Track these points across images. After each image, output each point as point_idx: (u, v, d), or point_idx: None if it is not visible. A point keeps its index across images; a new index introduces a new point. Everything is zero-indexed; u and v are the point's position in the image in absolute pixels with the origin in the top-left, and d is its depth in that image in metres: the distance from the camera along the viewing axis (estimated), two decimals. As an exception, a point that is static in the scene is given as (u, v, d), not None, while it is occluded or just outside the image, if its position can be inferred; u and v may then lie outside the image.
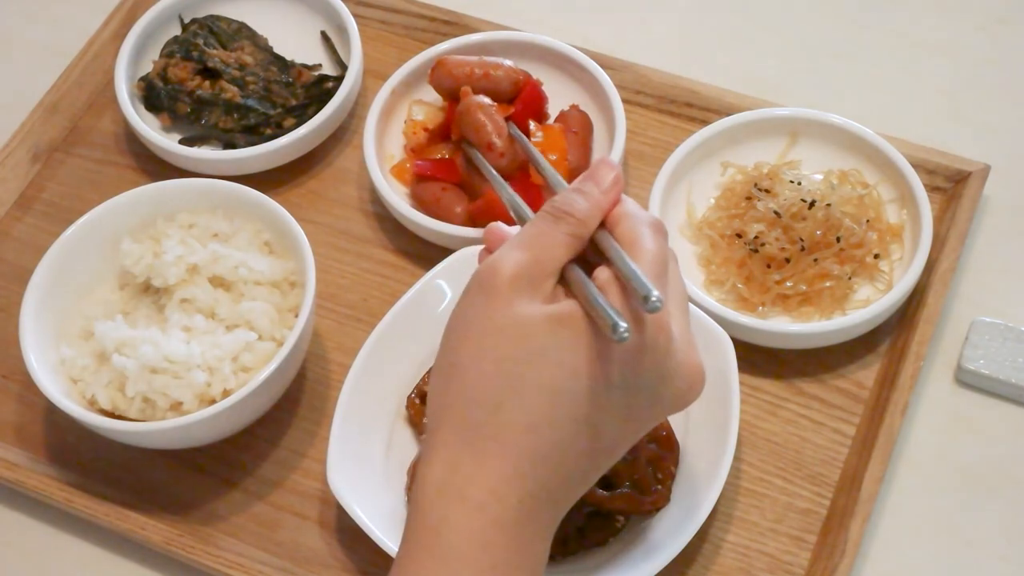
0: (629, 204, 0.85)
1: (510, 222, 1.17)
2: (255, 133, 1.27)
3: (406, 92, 1.28)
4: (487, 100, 1.17)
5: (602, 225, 0.84)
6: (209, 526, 1.10)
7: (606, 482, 1.04)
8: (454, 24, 1.33)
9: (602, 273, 0.80)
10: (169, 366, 1.05)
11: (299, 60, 1.32)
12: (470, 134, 1.17)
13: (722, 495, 1.03)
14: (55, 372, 1.10)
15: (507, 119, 1.18)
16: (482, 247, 0.87)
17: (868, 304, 1.12)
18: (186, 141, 1.28)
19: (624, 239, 0.82)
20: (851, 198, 1.17)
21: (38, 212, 1.29)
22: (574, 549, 1.04)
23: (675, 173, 1.18)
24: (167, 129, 1.29)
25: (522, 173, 1.20)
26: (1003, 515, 1.07)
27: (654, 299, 0.76)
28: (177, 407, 1.06)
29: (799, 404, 1.12)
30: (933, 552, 1.06)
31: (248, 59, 1.30)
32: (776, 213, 1.15)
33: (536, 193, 1.20)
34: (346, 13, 1.31)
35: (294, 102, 1.28)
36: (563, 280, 0.81)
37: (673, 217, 1.18)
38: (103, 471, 1.13)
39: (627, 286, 0.78)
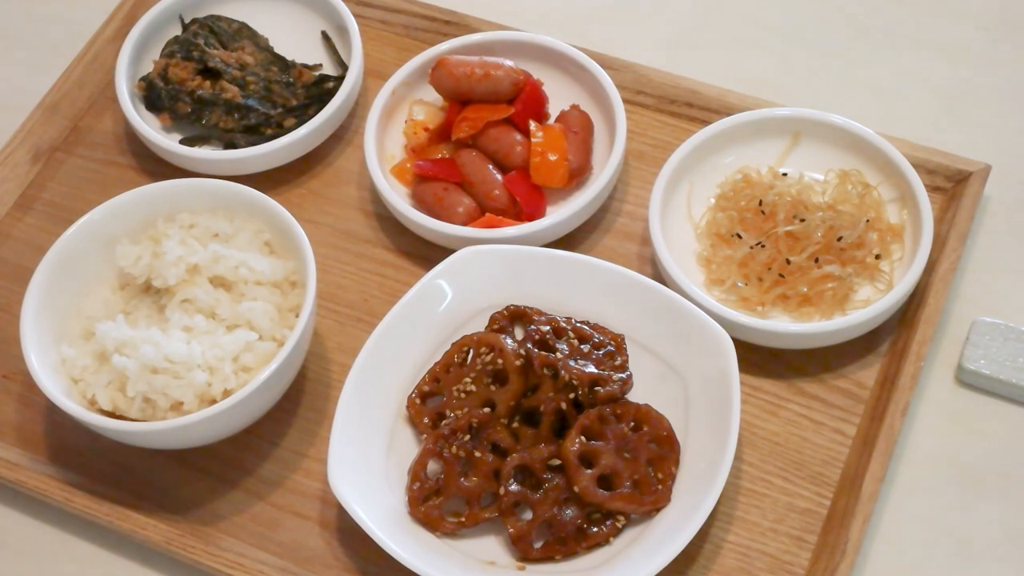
0: None
1: (508, 218, 1.18)
2: (256, 133, 1.27)
3: (407, 92, 1.28)
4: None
5: None
6: (209, 526, 1.10)
7: (606, 482, 1.04)
8: (454, 24, 1.33)
9: None
10: (170, 366, 1.05)
11: (299, 60, 1.32)
12: None
13: (722, 495, 1.03)
14: (56, 372, 1.09)
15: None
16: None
17: (868, 304, 1.12)
18: (186, 141, 1.28)
19: None
20: (851, 198, 1.17)
21: (38, 212, 1.29)
22: (574, 549, 1.04)
23: (675, 173, 1.18)
24: (167, 129, 1.29)
25: (522, 173, 1.20)
26: (1003, 515, 1.07)
27: None
28: (178, 407, 1.06)
29: (800, 404, 1.12)
30: (933, 552, 1.06)
31: (249, 59, 1.30)
32: (776, 213, 1.15)
33: (537, 193, 1.20)
34: (347, 13, 1.31)
35: (295, 102, 1.28)
36: None
37: (673, 217, 1.18)
38: (103, 471, 1.13)
39: None
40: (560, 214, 1.17)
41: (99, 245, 1.15)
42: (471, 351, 1.11)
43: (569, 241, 1.20)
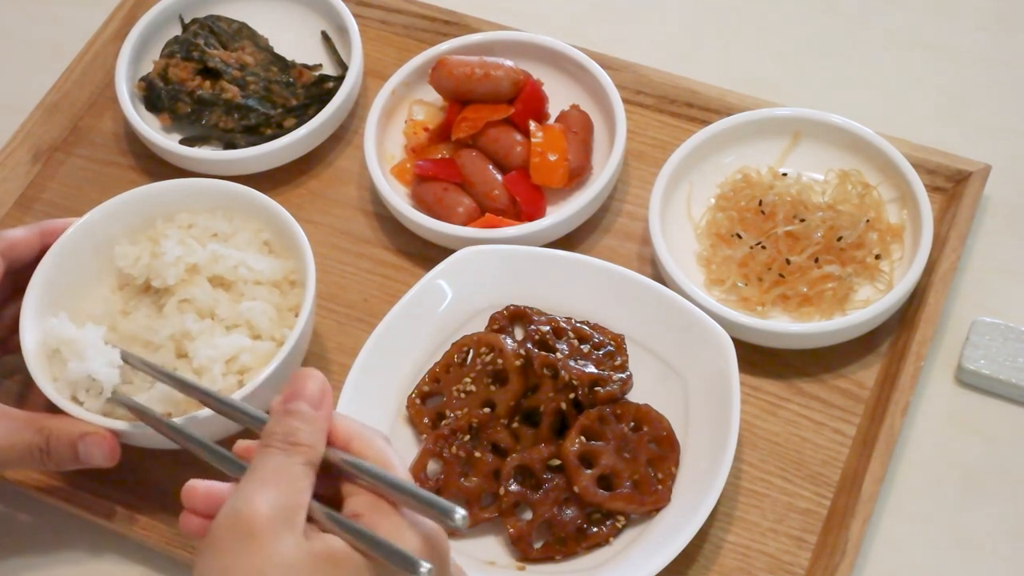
0: (345, 418, 0.82)
1: (508, 218, 1.18)
2: (255, 133, 1.27)
3: (407, 92, 1.28)
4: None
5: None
6: (209, 526, 1.10)
7: (606, 482, 1.04)
8: (454, 24, 1.33)
9: (363, 505, 0.78)
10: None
11: (299, 60, 1.32)
12: None
13: (722, 495, 1.03)
14: (55, 372, 1.09)
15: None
16: (293, 412, 0.82)
17: (868, 304, 1.12)
18: (186, 141, 1.28)
19: (376, 459, 0.80)
20: (851, 198, 1.17)
21: (38, 212, 1.29)
22: (574, 549, 1.04)
23: (675, 173, 1.18)
24: (167, 129, 1.29)
25: (522, 173, 1.20)
26: (1003, 515, 1.07)
27: (459, 517, 0.76)
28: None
29: (799, 404, 1.12)
30: (933, 552, 1.06)
31: (249, 59, 1.30)
32: (776, 213, 1.15)
33: (537, 193, 1.20)
34: (346, 13, 1.31)
35: (294, 102, 1.28)
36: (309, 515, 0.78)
37: (673, 217, 1.18)
38: (103, 471, 1.12)
39: (424, 508, 0.77)
40: (560, 214, 1.17)
41: (98, 245, 1.15)
42: (471, 351, 1.11)
43: (569, 241, 1.20)
